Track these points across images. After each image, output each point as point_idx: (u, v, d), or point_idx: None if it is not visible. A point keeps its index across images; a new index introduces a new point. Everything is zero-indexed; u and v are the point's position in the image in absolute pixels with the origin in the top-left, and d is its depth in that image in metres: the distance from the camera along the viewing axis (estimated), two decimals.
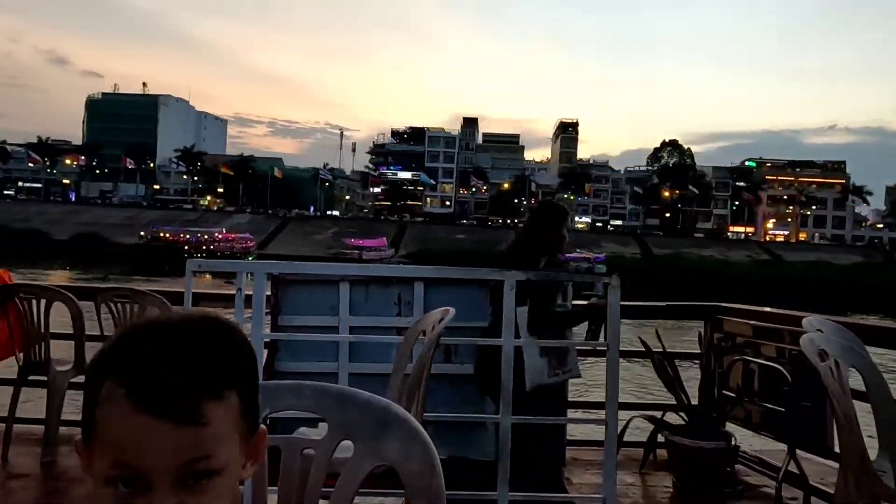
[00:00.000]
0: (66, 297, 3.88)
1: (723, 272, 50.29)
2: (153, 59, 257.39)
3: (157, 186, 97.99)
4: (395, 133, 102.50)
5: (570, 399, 4.22)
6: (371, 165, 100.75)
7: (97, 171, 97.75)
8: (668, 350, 4.04)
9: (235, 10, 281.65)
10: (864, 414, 2.24)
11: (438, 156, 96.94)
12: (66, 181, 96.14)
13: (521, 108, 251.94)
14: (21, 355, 3.99)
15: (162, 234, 60.45)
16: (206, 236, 58.52)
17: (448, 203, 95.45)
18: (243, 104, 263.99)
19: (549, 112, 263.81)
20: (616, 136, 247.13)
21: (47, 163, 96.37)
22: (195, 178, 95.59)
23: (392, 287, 3.93)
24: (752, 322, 3.68)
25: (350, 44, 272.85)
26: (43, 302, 3.91)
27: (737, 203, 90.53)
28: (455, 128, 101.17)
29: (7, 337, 3.96)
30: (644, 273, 42.09)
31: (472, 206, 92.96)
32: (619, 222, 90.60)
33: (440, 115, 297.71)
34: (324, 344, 3.89)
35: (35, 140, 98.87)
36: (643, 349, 4.08)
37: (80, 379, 4.04)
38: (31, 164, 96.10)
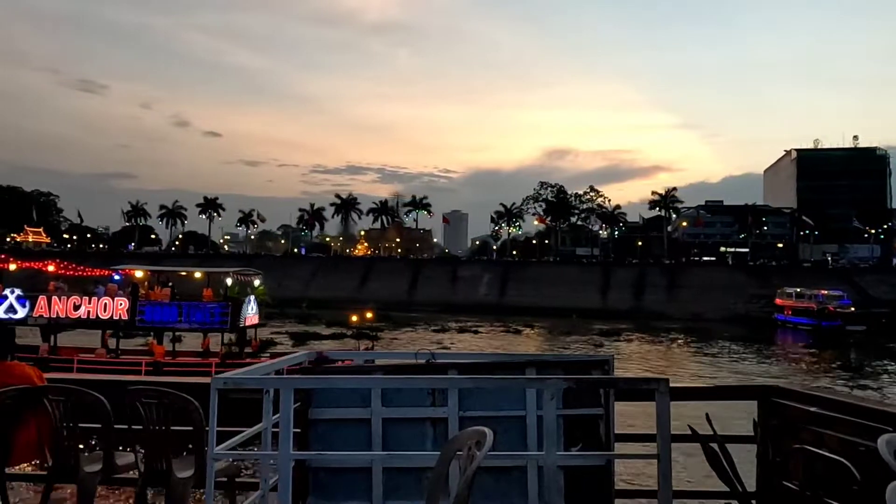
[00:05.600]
0: (94, 398, 3.82)
1: None
2: (265, 116, 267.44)
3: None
4: None
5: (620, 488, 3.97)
6: None
7: (815, 232, 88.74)
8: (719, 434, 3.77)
9: (337, 65, 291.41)
10: None
11: None
12: (779, 244, 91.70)
13: (614, 141, 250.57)
14: (50, 456, 3.93)
15: None
16: None
17: None
18: (353, 153, 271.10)
19: (644, 143, 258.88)
20: (716, 164, 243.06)
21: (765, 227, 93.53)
22: None
23: (425, 374, 3.79)
24: (811, 408, 3.42)
25: (447, 89, 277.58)
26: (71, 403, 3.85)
27: None
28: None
29: (36, 438, 3.90)
30: None
31: None
32: None
33: (532, 151, 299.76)
34: (357, 434, 3.77)
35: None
36: (690, 433, 3.83)
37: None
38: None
